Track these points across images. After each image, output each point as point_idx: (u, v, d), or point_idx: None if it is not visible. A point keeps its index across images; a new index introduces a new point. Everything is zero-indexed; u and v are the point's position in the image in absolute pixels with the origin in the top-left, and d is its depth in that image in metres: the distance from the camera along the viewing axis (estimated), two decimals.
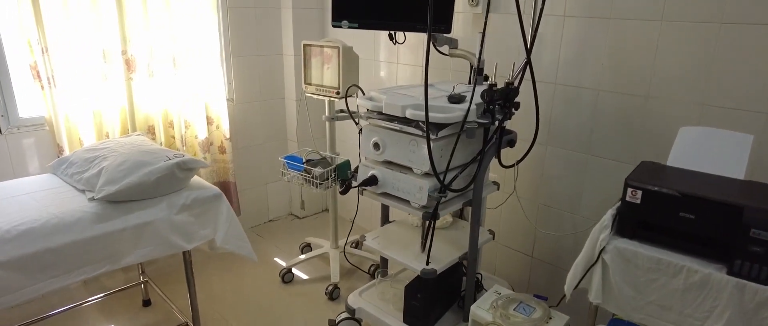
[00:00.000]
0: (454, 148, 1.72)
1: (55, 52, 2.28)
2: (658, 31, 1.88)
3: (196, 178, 1.99)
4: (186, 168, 1.84)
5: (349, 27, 2.07)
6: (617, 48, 2.00)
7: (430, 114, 1.62)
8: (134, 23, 2.49)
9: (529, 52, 1.77)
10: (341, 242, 2.87)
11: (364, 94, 2.33)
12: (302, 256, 2.82)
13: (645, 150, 2.00)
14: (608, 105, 2.07)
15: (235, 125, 3.12)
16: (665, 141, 1.94)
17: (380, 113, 1.82)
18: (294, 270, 2.82)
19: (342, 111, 2.56)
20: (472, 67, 2.16)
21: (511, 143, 1.93)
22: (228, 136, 2.96)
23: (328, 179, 2.42)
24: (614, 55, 2.01)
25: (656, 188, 1.33)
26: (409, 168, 1.80)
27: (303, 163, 2.49)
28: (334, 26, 2.07)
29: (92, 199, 1.71)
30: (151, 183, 1.74)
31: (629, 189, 1.37)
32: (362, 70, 2.99)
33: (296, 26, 3.13)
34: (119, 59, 2.49)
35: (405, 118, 1.73)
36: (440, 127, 1.69)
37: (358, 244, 2.98)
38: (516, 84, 1.77)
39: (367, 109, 1.87)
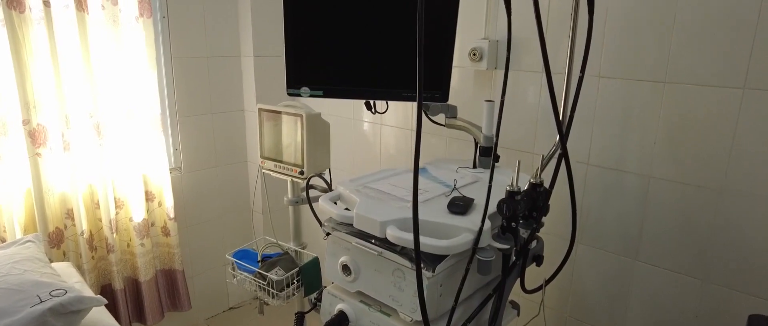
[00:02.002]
0: (459, 289, 1.15)
1: None
2: (739, 102, 1.35)
3: (94, 314, 1.41)
4: (67, 311, 1.26)
5: (311, 95, 1.53)
6: (676, 122, 1.47)
7: (423, 239, 1.06)
8: (42, 86, 1.94)
9: (564, 137, 1.23)
10: None
11: (329, 186, 1.78)
12: None
13: (720, 263, 1.45)
14: (663, 197, 1.53)
15: (182, 199, 2.54)
16: (752, 254, 1.39)
17: (351, 225, 1.27)
18: None
19: (312, 186, 2.00)
20: (476, 143, 1.62)
21: (538, 260, 1.38)
22: (172, 214, 2.39)
23: (289, 286, 1.85)
24: (672, 131, 1.48)
25: None
26: (394, 308, 1.23)
27: (258, 261, 1.91)
28: (289, 94, 1.53)
29: None
30: None
31: None
32: (338, 132, 2.45)
33: (260, 77, 2.59)
34: (19, 131, 1.93)
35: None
36: (438, 257, 1.13)
37: None
38: (547, 185, 1.22)
39: (333, 219, 1.31)
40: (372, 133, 2.36)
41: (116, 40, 2.10)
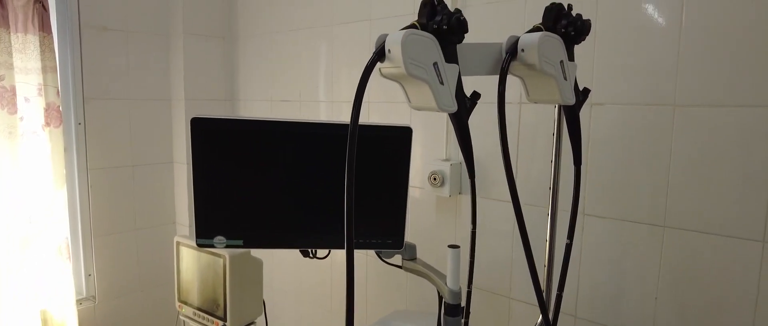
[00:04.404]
0: None
1: None
2: (759, 257, 1.09)
3: None
4: None
5: (228, 246, 1.20)
6: (681, 274, 1.19)
7: None
8: None
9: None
10: None
11: None
12: None
13: None
14: None
15: None
16: None
17: None
18: None
19: None
20: (440, 298, 1.31)
21: None
22: None
23: None
24: (677, 284, 1.20)
25: None
26: None
27: None
28: (199, 245, 1.20)
29: None
30: None
31: None
32: (275, 261, 2.11)
33: None
34: None
35: None
36: None
37: None
38: None
39: None
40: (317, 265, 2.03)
41: (12, 155, 1.76)
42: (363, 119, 1.80)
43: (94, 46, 1.99)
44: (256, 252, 1.52)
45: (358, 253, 1.84)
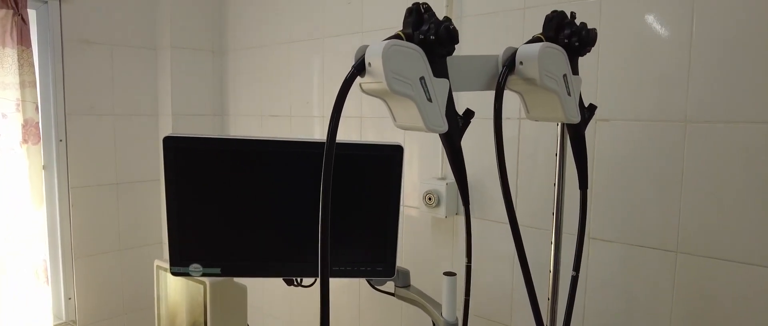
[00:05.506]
0: None
1: None
2: None
3: None
4: None
5: (204, 274, 1.11)
6: (695, 302, 1.10)
7: None
8: None
9: None
10: None
11: None
12: None
13: None
14: None
15: None
16: None
17: None
18: None
19: None
20: None
21: None
22: None
23: None
24: (691, 312, 1.11)
25: None
26: None
27: None
28: (174, 274, 1.11)
29: None
30: None
31: None
32: (263, 285, 2.01)
33: None
34: None
35: None
36: None
37: None
38: None
39: None
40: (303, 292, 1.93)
41: None
42: (356, 136, 1.72)
43: (76, 60, 1.91)
44: (240, 278, 1.43)
45: (349, 279, 1.75)
